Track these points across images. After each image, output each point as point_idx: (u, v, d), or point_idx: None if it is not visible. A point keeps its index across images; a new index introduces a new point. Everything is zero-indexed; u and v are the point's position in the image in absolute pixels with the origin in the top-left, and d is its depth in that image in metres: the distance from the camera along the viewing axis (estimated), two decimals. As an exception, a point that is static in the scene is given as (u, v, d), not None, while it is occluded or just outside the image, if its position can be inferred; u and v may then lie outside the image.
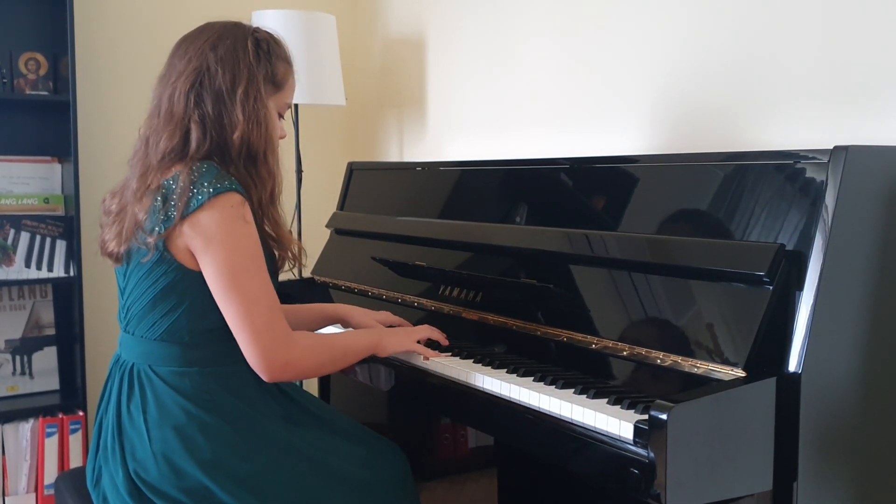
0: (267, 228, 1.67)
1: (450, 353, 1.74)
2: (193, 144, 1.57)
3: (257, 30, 1.67)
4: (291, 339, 1.57)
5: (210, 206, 1.50)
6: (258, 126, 1.60)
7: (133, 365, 1.61)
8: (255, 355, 1.53)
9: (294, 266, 1.74)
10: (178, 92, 1.58)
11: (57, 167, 2.83)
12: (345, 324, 1.98)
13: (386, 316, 1.92)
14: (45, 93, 2.77)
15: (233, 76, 1.58)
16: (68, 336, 2.85)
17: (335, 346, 1.68)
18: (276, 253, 1.69)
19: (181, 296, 1.56)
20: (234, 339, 1.55)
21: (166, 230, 1.51)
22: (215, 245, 1.51)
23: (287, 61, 1.69)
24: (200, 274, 1.54)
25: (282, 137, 1.70)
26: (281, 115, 1.71)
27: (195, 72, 1.58)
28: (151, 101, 1.64)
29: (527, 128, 2.57)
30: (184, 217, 1.50)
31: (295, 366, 1.58)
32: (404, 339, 1.74)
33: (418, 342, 1.75)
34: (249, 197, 1.59)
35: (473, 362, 1.67)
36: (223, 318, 1.55)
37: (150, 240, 1.52)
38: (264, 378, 1.56)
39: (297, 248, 1.72)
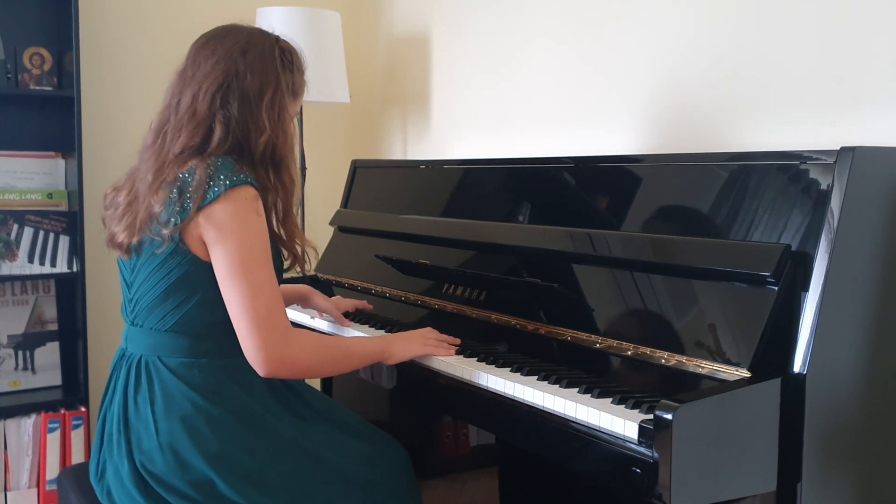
0: (284, 230, 1.68)
1: (454, 352, 1.73)
2: (214, 142, 1.58)
3: (279, 39, 1.70)
4: (291, 334, 1.56)
5: (225, 197, 1.52)
6: (283, 134, 1.64)
7: (141, 357, 1.61)
8: (251, 347, 1.52)
9: (301, 268, 1.75)
10: (204, 91, 1.59)
11: (60, 162, 2.83)
12: (304, 304, 2.05)
13: (340, 300, 2.03)
14: (50, 88, 2.77)
15: (261, 83, 1.61)
16: (71, 331, 2.85)
17: (338, 348, 1.66)
18: (286, 252, 1.70)
19: (193, 288, 1.57)
20: None
21: (183, 222, 1.52)
22: (227, 235, 1.52)
23: (303, 72, 1.74)
24: (212, 266, 1.55)
25: None
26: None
27: (223, 73, 1.60)
28: (170, 96, 1.64)
29: (531, 127, 2.56)
30: (200, 208, 1.51)
31: (292, 362, 1.55)
32: (415, 346, 1.70)
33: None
34: (265, 198, 1.61)
35: (477, 361, 1.66)
36: None
37: (166, 231, 1.53)
38: (260, 372, 1.54)
39: (306, 249, 1.73)
